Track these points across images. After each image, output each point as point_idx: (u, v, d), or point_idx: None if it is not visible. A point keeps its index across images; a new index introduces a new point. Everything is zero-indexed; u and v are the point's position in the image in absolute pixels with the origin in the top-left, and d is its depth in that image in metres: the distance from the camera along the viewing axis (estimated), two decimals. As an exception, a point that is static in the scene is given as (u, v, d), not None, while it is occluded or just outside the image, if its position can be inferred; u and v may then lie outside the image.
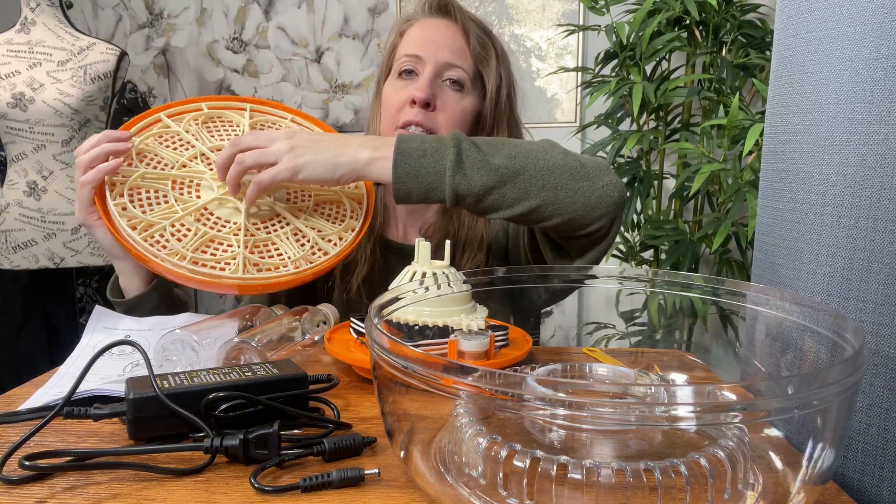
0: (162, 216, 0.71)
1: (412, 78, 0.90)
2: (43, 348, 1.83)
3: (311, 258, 0.74)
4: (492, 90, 0.92)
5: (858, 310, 0.50)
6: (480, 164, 0.68)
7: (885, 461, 0.48)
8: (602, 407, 0.31)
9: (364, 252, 0.92)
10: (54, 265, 1.71)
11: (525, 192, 0.69)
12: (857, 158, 0.50)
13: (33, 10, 1.70)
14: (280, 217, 0.77)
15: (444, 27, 0.91)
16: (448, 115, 0.89)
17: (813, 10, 0.54)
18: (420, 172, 0.68)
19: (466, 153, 0.68)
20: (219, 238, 0.71)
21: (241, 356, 0.61)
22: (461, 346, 0.58)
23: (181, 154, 0.77)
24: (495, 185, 0.68)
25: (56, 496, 0.41)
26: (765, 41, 1.64)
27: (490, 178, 0.68)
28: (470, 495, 0.38)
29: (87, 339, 0.70)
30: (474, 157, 0.68)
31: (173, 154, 0.77)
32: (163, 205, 0.73)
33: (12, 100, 1.62)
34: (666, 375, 0.63)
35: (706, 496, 0.36)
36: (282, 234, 0.75)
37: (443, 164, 0.68)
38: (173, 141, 0.79)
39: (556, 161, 0.70)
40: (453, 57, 0.89)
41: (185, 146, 0.79)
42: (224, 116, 0.84)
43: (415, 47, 0.90)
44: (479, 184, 0.68)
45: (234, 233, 0.72)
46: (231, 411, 0.47)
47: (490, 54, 0.92)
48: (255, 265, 0.71)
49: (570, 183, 0.69)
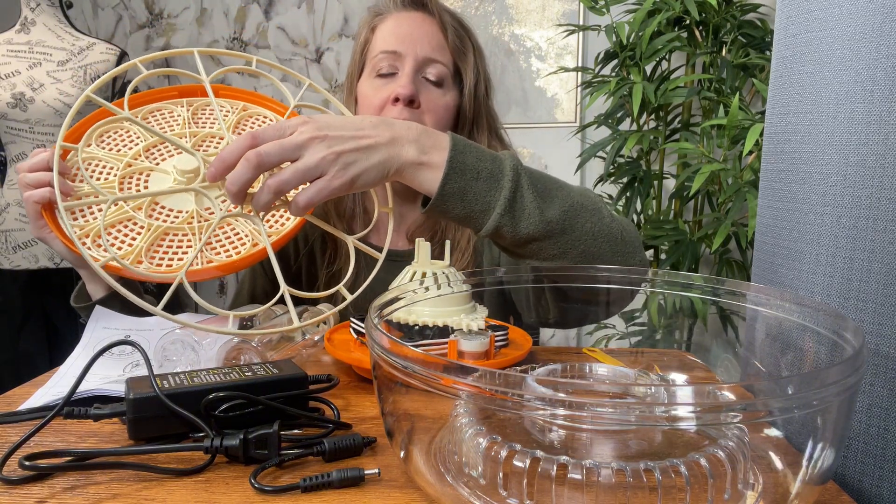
0: (113, 219, 0.71)
1: (391, 76, 0.87)
2: (43, 348, 1.83)
3: (269, 231, 0.73)
4: (470, 85, 0.89)
5: (858, 310, 0.50)
6: (533, 211, 0.62)
7: (885, 461, 0.48)
8: (602, 407, 0.31)
9: (348, 260, 0.92)
10: (54, 265, 1.71)
11: (564, 251, 0.64)
12: (857, 158, 0.50)
13: (33, 10, 1.70)
14: None
15: (420, 21, 0.88)
16: (432, 113, 0.86)
17: (813, 10, 0.54)
18: (467, 196, 0.61)
19: (522, 193, 0.61)
20: (173, 230, 0.71)
21: (241, 356, 0.61)
22: (461, 346, 0.58)
23: (124, 154, 0.77)
24: (539, 238, 0.63)
25: (56, 496, 0.41)
26: (765, 41, 1.64)
27: (538, 229, 0.62)
28: (470, 495, 0.38)
29: (87, 339, 0.70)
30: (529, 202, 0.62)
31: (117, 156, 0.77)
32: (112, 208, 0.72)
33: (12, 100, 1.62)
34: (666, 375, 0.63)
35: (706, 496, 0.36)
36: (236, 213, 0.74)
37: (495, 198, 0.61)
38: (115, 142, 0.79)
39: (602, 227, 0.65)
40: (433, 52, 0.86)
41: (127, 145, 0.78)
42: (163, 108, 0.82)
43: (391, 42, 0.86)
44: (524, 232, 0.62)
45: (188, 222, 0.72)
46: (231, 411, 0.47)
47: (468, 48, 0.90)
48: (213, 249, 0.71)
49: (609, 255, 0.65)
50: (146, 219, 0.71)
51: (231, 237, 0.73)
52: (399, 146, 0.60)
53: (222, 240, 0.72)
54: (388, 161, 0.59)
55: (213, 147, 0.80)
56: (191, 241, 0.70)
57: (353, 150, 0.57)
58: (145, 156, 0.77)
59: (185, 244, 0.71)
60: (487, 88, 0.93)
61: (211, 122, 0.83)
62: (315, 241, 0.96)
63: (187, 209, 0.73)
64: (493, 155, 0.63)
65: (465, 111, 0.90)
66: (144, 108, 0.82)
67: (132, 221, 0.71)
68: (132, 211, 0.71)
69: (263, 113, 0.85)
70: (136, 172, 0.75)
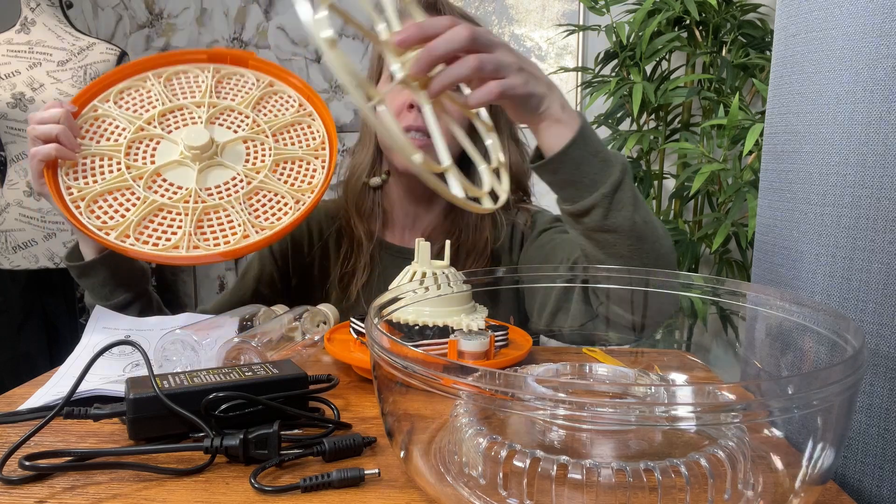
0: (111, 185, 0.70)
1: None
2: (43, 348, 1.83)
3: (263, 224, 0.72)
4: None
5: (858, 310, 0.50)
6: (627, 207, 0.67)
7: (885, 461, 0.48)
8: (602, 407, 0.31)
9: (364, 258, 0.92)
10: (54, 265, 1.71)
11: (632, 255, 0.68)
12: (857, 158, 0.50)
13: (33, 10, 1.70)
14: (238, 179, 0.75)
15: None
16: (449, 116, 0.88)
17: (813, 10, 0.54)
18: (582, 167, 0.66)
19: (624, 188, 0.67)
20: (167, 206, 0.70)
21: (241, 356, 0.61)
22: (461, 346, 0.58)
23: (139, 117, 0.76)
24: (619, 232, 0.67)
25: (56, 496, 0.41)
26: (765, 41, 1.64)
27: (623, 224, 0.67)
28: (470, 495, 0.38)
29: (87, 339, 0.70)
30: (627, 198, 0.67)
31: (132, 116, 0.76)
32: (115, 172, 0.72)
33: (12, 100, 1.62)
34: (666, 375, 0.63)
35: (706, 496, 0.36)
36: (234, 199, 0.73)
37: (602, 180, 0.66)
38: (134, 101, 0.77)
39: (665, 253, 0.70)
40: None
41: (144, 107, 0.77)
42: (188, 72, 0.81)
43: None
44: (612, 222, 0.67)
45: (185, 200, 0.71)
46: (231, 411, 0.47)
47: None
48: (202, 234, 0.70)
49: None
50: (144, 190, 0.70)
51: (224, 225, 0.72)
52: (553, 95, 0.66)
53: (214, 227, 0.71)
54: (542, 99, 0.65)
55: (228, 122, 0.79)
56: (181, 223, 0.70)
57: (537, 75, 0.64)
58: (159, 121, 0.76)
59: (177, 224, 0.70)
60: None
61: (234, 95, 0.81)
62: (330, 236, 0.96)
63: (188, 186, 0.72)
64: (611, 150, 0.69)
65: None
66: (170, 68, 0.80)
67: (130, 191, 0.70)
68: (132, 180, 0.70)
69: (287, 92, 0.83)
70: (146, 138, 0.74)
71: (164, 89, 0.78)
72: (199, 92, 0.79)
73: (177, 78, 0.80)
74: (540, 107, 0.65)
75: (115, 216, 0.69)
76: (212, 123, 0.77)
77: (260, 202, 0.74)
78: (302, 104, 0.84)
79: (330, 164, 0.80)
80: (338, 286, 0.92)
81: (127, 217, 0.69)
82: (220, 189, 0.74)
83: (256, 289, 0.94)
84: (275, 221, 0.73)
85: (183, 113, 0.78)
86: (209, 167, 0.74)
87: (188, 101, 0.78)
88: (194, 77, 0.80)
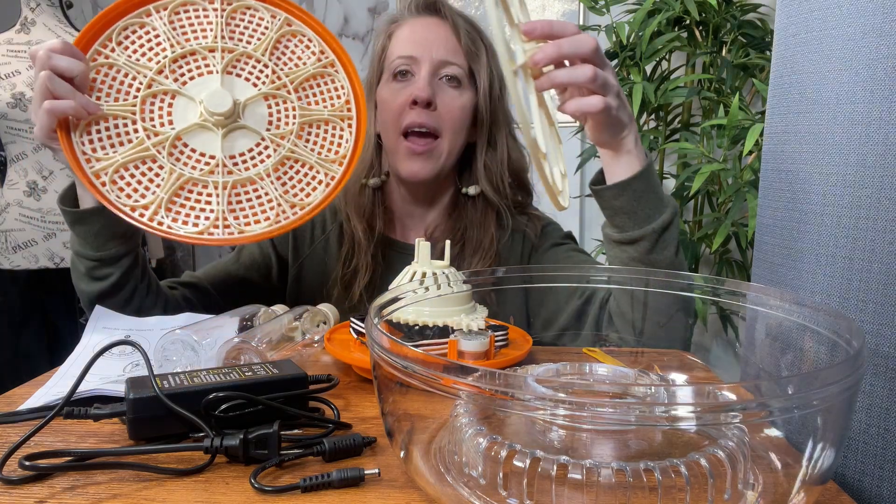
0: (133, 155, 0.64)
1: (408, 79, 0.89)
2: (43, 348, 1.83)
3: (294, 201, 0.68)
4: (485, 86, 0.91)
5: (858, 310, 0.50)
6: (671, 247, 0.74)
7: (885, 461, 0.48)
8: (602, 407, 0.31)
9: (366, 257, 0.92)
10: (54, 265, 1.71)
11: None
12: (857, 158, 0.50)
13: (33, 10, 1.70)
14: (263, 145, 0.70)
15: (434, 25, 0.91)
16: (450, 114, 0.88)
17: (813, 10, 0.54)
18: (640, 200, 0.72)
19: (672, 230, 0.74)
20: (194, 179, 0.65)
21: (241, 356, 0.61)
22: (461, 346, 0.58)
23: (147, 66, 0.68)
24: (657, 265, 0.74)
25: (56, 496, 0.41)
26: (765, 41, 1.64)
27: (661, 261, 0.74)
28: (470, 495, 0.38)
29: (87, 339, 0.70)
30: (671, 239, 0.74)
31: (139, 66, 0.68)
32: (133, 139, 0.65)
33: (12, 100, 1.62)
34: (666, 375, 0.63)
35: (706, 496, 0.36)
36: (262, 171, 0.68)
37: (654, 217, 0.72)
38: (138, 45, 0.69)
39: None
40: (448, 54, 0.89)
41: (153, 51, 0.69)
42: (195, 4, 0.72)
43: (408, 47, 0.89)
44: (654, 257, 0.74)
45: (212, 171, 0.66)
46: (231, 411, 0.47)
47: (480, 50, 0.92)
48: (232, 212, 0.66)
49: None
50: (168, 160, 0.64)
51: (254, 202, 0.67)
52: (632, 127, 0.71)
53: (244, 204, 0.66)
54: (624, 128, 0.70)
55: (245, 72, 0.71)
56: (210, 199, 0.65)
57: (622, 101, 0.68)
58: (171, 70, 0.68)
59: (204, 200, 0.65)
60: (502, 88, 0.95)
61: (248, 36, 0.73)
62: (332, 231, 0.96)
63: (211, 153, 0.66)
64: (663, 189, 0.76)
65: (482, 111, 0.92)
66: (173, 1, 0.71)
67: (153, 160, 0.64)
68: (153, 148, 0.65)
69: (306, 34, 0.76)
70: (159, 93, 0.67)
71: (170, 28, 0.69)
72: (210, 31, 0.70)
73: (184, 10, 0.71)
74: (620, 134, 0.70)
75: (141, 190, 0.63)
76: (228, 73, 0.70)
77: (287, 174, 0.69)
78: (323, 51, 0.76)
79: (359, 130, 0.74)
80: (340, 285, 0.92)
81: (157, 194, 0.63)
82: (246, 158, 0.68)
83: (247, 275, 0.93)
84: (304, 198, 0.69)
85: (196, 59, 0.69)
86: (231, 131, 0.68)
87: (199, 45, 0.70)
88: (203, 11, 0.71)
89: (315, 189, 0.70)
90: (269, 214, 0.68)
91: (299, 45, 0.75)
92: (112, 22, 0.68)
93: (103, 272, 0.78)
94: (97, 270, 0.78)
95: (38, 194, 1.66)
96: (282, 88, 0.73)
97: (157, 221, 0.64)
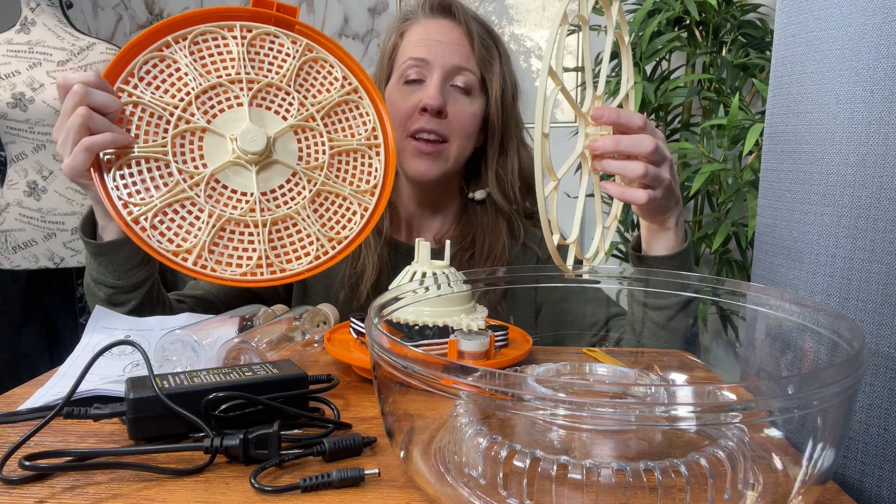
0: (170, 198, 0.63)
1: (419, 83, 0.87)
2: (43, 348, 1.83)
3: (332, 235, 0.68)
4: (497, 93, 0.90)
5: (858, 310, 0.50)
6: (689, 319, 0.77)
7: (885, 461, 0.48)
8: (602, 407, 0.31)
9: (373, 258, 0.91)
10: (54, 265, 1.71)
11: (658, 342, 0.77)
12: (857, 158, 0.50)
13: (33, 10, 1.70)
14: (295, 180, 0.69)
15: (448, 28, 0.89)
16: (460, 122, 0.87)
17: (813, 10, 0.54)
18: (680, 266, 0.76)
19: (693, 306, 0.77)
20: (235, 219, 0.64)
21: (241, 356, 0.61)
22: (461, 346, 0.58)
23: (173, 103, 0.66)
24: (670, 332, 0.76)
25: (56, 496, 0.41)
26: (765, 41, 1.64)
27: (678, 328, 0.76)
28: (470, 495, 0.38)
29: (87, 339, 0.70)
30: (693, 312, 0.77)
31: (165, 102, 0.66)
32: (168, 182, 0.63)
33: (12, 100, 1.62)
34: (666, 375, 0.63)
35: (706, 496, 0.36)
36: (299, 206, 0.68)
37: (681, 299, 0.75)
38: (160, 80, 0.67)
39: None
40: (461, 60, 0.87)
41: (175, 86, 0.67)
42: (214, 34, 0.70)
43: (420, 50, 0.87)
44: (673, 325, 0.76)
45: (252, 209, 0.65)
46: (231, 411, 0.47)
47: (494, 56, 0.90)
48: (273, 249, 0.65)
49: None
50: (206, 202, 0.63)
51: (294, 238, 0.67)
52: (677, 209, 0.74)
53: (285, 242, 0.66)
54: (669, 211, 0.73)
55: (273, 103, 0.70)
56: (252, 240, 0.64)
57: (670, 191, 0.70)
58: (197, 105, 0.67)
59: (247, 240, 0.64)
60: (514, 94, 0.94)
61: (269, 64, 0.71)
62: None
63: (247, 190, 0.65)
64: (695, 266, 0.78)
65: (493, 119, 0.91)
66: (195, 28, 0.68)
67: (191, 202, 0.63)
68: (189, 190, 0.63)
69: (328, 59, 0.75)
70: (188, 132, 0.66)
71: (191, 60, 0.68)
72: (231, 61, 0.69)
73: (203, 40, 0.69)
74: (663, 215, 0.73)
75: (182, 234, 0.62)
76: (256, 106, 0.69)
77: (323, 206, 0.69)
78: (346, 77, 0.75)
79: (387, 158, 0.74)
80: (346, 286, 0.92)
81: (199, 237, 0.62)
82: (280, 194, 0.67)
83: None
84: (340, 230, 0.68)
85: (219, 92, 0.68)
86: (265, 168, 0.67)
87: (223, 79, 0.68)
88: (222, 39, 0.69)
89: (350, 220, 0.70)
90: (308, 251, 0.68)
91: (321, 72, 0.75)
92: (133, 56, 0.67)
93: (123, 298, 0.77)
94: (117, 297, 0.77)
95: (38, 194, 1.66)
96: (310, 119, 0.72)
97: (200, 265, 0.64)
